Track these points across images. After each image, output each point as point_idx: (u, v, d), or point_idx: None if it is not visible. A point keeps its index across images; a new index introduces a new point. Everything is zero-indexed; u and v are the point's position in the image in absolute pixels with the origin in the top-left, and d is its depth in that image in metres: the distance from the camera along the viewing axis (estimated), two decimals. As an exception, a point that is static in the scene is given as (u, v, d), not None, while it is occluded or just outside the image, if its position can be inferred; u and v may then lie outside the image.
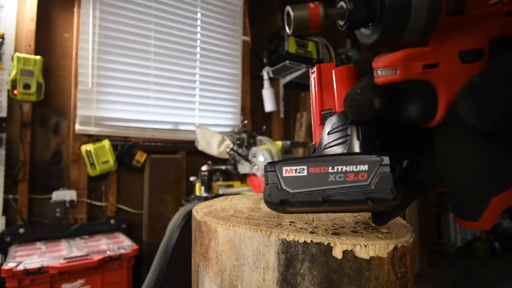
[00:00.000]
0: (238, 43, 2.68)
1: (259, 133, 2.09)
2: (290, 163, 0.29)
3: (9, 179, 1.80)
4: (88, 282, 1.52)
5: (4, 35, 1.81)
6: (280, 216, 0.46)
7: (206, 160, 2.21)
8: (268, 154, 1.88)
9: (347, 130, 0.29)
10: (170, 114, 2.36)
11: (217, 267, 0.42)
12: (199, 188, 2.08)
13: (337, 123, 0.30)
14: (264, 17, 2.82)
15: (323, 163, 0.28)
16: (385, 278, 0.37)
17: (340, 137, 0.30)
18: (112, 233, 1.99)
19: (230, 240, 0.40)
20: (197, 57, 2.49)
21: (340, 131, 0.30)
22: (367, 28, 0.28)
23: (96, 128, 2.04)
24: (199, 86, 2.50)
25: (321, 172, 0.28)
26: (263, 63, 2.61)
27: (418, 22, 0.24)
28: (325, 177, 0.27)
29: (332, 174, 0.27)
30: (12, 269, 1.34)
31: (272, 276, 0.38)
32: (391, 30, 0.25)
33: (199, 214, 0.48)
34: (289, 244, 0.37)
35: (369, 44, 0.28)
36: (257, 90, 2.66)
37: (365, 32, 0.28)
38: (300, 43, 2.60)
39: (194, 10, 2.48)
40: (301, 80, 2.80)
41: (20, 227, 1.77)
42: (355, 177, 0.26)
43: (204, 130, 2.13)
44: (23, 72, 1.77)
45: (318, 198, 0.28)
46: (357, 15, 0.26)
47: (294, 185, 0.28)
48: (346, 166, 0.27)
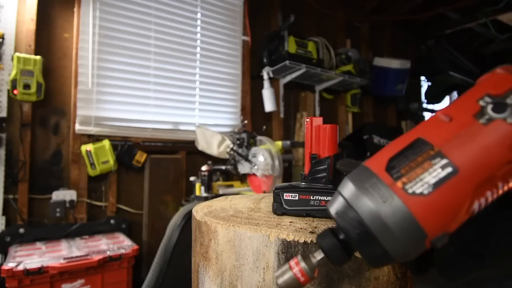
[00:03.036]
0: (238, 43, 2.68)
1: (259, 133, 2.08)
2: (289, 191, 0.46)
3: (9, 179, 1.80)
4: (88, 282, 1.52)
5: (4, 35, 1.81)
6: (280, 216, 0.47)
7: (206, 160, 2.21)
8: (268, 154, 1.87)
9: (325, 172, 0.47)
10: (170, 114, 2.36)
11: (217, 267, 0.42)
12: (199, 188, 2.08)
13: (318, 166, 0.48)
14: (264, 17, 2.82)
15: (307, 193, 0.46)
16: (385, 278, 0.37)
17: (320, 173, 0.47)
18: (112, 233, 1.99)
19: (230, 240, 0.40)
20: (197, 57, 2.49)
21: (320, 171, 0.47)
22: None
23: (96, 128, 2.04)
24: (199, 86, 2.50)
25: (306, 198, 0.46)
26: (263, 63, 2.61)
27: (394, 245, 0.26)
28: (308, 201, 0.46)
29: (312, 200, 0.46)
30: (12, 269, 1.34)
31: (272, 276, 0.38)
32: (371, 256, 0.27)
33: (199, 214, 0.48)
34: (289, 244, 0.37)
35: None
36: (257, 90, 2.66)
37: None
38: (300, 43, 2.60)
39: (194, 10, 2.48)
40: (301, 80, 2.80)
41: (20, 227, 1.77)
42: (326, 203, 0.45)
43: (204, 130, 2.13)
44: (23, 72, 1.77)
45: (303, 214, 0.47)
46: (334, 258, 0.29)
47: (290, 205, 0.46)
48: (320, 196, 0.45)
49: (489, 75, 0.29)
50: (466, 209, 0.25)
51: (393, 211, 0.24)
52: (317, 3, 3.01)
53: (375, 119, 3.65)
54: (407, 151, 0.27)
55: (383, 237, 0.25)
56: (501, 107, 0.25)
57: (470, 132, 0.25)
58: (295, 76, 2.67)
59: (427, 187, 0.25)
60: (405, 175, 0.25)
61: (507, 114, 0.25)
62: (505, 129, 0.25)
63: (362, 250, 0.27)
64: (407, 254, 0.25)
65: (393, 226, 0.24)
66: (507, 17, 3.34)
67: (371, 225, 0.25)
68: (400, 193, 0.25)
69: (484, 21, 3.46)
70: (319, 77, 2.77)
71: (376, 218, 0.25)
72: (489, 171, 0.24)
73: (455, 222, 0.25)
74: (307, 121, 0.49)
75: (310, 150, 0.48)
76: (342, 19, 3.32)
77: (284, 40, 2.51)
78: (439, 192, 0.24)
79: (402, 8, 3.53)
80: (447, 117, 0.27)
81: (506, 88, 0.26)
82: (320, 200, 0.45)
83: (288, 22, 2.49)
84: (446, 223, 0.25)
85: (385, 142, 2.95)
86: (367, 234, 0.26)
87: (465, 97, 0.28)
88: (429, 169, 0.25)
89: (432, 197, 0.24)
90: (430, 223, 0.24)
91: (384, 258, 0.26)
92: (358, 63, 3.01)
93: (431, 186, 0.24)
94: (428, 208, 0.24)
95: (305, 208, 0.46)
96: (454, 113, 0.27)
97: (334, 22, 3.29)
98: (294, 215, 0.47)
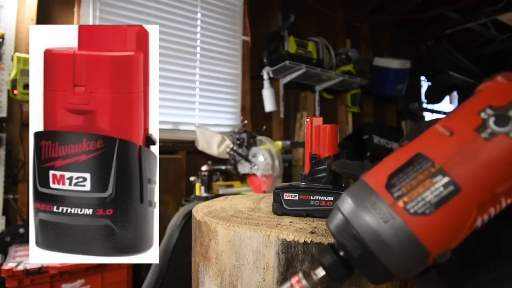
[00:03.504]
0: (238, 43, 2.68)
1: (259, 133, 2.08)
2: (289, 191, 0.46)
3: (9, 179, 1.80)
4: (88, 282, 1.52)
5: (4, 35, 1.81)
6: (280, 216, 0.47)
7: (206, 160, 2.21)
8: (268, 154, 1.87)
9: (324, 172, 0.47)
10: (170, 114, 2.36)
11: (217, 267, 0.42)
12: (199, 188, 2.08)
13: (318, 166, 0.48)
14: (264, 17, 2.82)
15: (307, 193, 0.46)
16: (385, 278, 0.37)
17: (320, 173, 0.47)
18: (112, 233, 1.98)
19: (230, 240, 0.40)
20: (197, 57, 2.49)
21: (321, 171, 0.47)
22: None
23: (96, 128, 2.04)
24: (199, 86, 2.50)
25: (306, 198, 0.46)
26: (263, 63, 2.61)
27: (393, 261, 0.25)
28: (308, 201, 0.46)
29: (312, 200, 0.45)
30: (12, 269, 1.34)
31: (272, 276, 0.38)
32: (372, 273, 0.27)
33: (199, 214, 0.48)
34: (289, 244, 0.37)
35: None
36: (257, 90, 2.66)
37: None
38: (300, 43, 2.59)
39: (194, 10, 2.48)
40: (301, 80, 2.80)
41: (20, 227, 1.77)
42: (325, 203, 0.45)
43: (204, 130, 2.13)
44: (23, 72, 1.76)
45: (303, 214, 0.46)
46: (336, 276, 0.29)
47: (290, 205, 0.46)
48: (320, 196, 0.45)
49: (490, 84, 0.28)
50: (469, 226, 0.24)
51: (395, 232, 0.24)
52: (317, 3, 3.01)
53: (375, 119, 3.65)
54: (407, 167, 0.26)
55: (384, 256, 0.25)
56: (503, 120, 0.25)
57: (472, 148, 0.25)
58: (295, 76, 2.67)
59: (429, 206, 0.24)
60: (406, 194, 0.25)
61: (510, 128, 0.24)
62: (509, 144, 0.24)
63: (363, 268, 0.27)
64: (409, 271, 0.25)
65: (395, 246, 0.24)
66: (507, 17, 3.34)
67: (372, 245, 0.25)
68: (402, 213, 0.24)
69: (484, 21, 3.46)
70: (319, 77, 2.77)
71: (377, 238, 0.24)
72: (492, 189, 0.24)
73: (457, 239, 0.25)
74: (307, 121, 0.49)
75: (310, 150, 0.48)
76: (342, 19, 3.32)
77: (284, 40, 2.51)
78: (442, 212, 0.24)
79: (402, 8, 3.53)
80: (447, 130, 0.26)
81: (508, 100, 0.25)
82: (320, 200, 0.45)
83: (288, 22, 2.49)
84: (449, 241, 0.24)
85: (385, 142, 2.95)
86: (368, 254, 0.25)
87: (466, 108, 0.27)
88: (431, 188, 0.24)
89: (435, 216, 0.24)
90: (433, 242, 0.24)
91: (385, 276, 0.26)
92: (358, 63, 3.01)
93: (433, 206, 0.24)
94: (430, 228, 0.24)
95: (305, 208, 0.46)
96: (454, 127, 0.26)
97: (334, 22, 3.29)
98: (294, 215, 0.47)
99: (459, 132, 0.26)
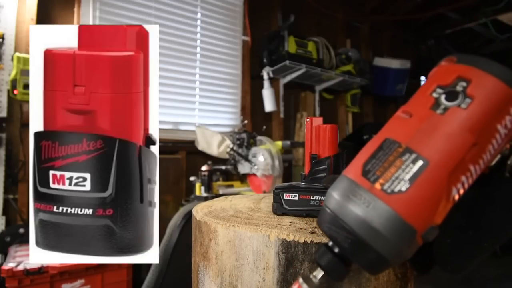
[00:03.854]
0: (238, 43, 2.68)
1: (259, 133, 2.08)
2: (289, 191, 0.45)
3: (9, 179, 1.80)
4: (88, 282, 1.52)
5: (4, 35, 1.81)
6: (280, 216, 0.47)
7: (206, 160, 2.21)
8: (268, 154, 1.87)
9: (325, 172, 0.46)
10: (170, 114, 2.36)
11: (217, 267, 0.42)
12: (199, 188, 2.08)
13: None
14: (264, 17, 2.82)
15: (307, 193, 0.45)
16: (385, 278, 0.37)
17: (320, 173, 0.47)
18: (112, 233, 1.99)
19: (230, 240, 0.40)
20: (197, 57, 2.49)
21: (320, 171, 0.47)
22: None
23: (96, 128, 2.04)
24: (199, 86, 2.50)
25: (306, 198, 0.45)
26: (263, 63, 2.61)
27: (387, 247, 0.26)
28: (308, 201, 0.45)
29: (312, 200, 0.45)
30: (12, 269, 1.34)
31: (272, 276, 0.38)
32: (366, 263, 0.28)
33: (199, 214, 0.48)
34: (289, 244, 0.37)
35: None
36: (257, 90, 2.66)
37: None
38: (300, 43, 2.59)
39: (194, 10, 2.48)
40: (301, 80, 2.80)
41: (20, 227, 1.77)
42: None
43: (204, 130, 2.13)
44: (23, 72, 1.76)
45: (303, 214, 0.45)
46: (334, 275, 0.29)
47: (290, 205, 0.46)
48: (320, 196, 0.44)
49: (436, 69, 0.31)
50: (446, 197, 0.25)
51: (378, 213, 0.25)
52: (317, 3, 3.01)
53: (375, 119, 3.64)
54: (378, 152, 0.27)
55: (374, 241, 0.25)
56: (453, 95, 0.27)
57: (430, 123, 0.27)
58: (295, 76, 2.67)
59: (404, 183, 0.25)
60: (381, 176, 0.26)
61: (459, 100, 0.27)
62: (461, 114, 0.26)
63: (358, 259, 0.27)
64: (402, 254, 0.26)
65: (381, 228, 0.25)
66: (507, 17, 3.34)
67: (360, 232, 0.25)
68: (380, 195, 0.25)
69: (484, 21, 3.46)
70: (319, 77, 2.77)
71: (363, 223, 0.25)
72: (457, 157, 0.25)
73: (439, 213, 0.26)
74: (307, 121, 0.49)
75: (310, 150, 0.48)
76: (342, 19, 3.32)
77: (284, 40, 2.51)
78: (416, 186, 0.25)
79: (402, 8, 3.53)
80: (407, 114, 0.29)
81: (453, 77, 0.28)
82: (320, 200, 0.45)
83: (288, 22, 2.49)
84: (431, 214, 0.25)
85: (385, 142, 2.95)
86: (359, 241, 0.26)
87: (419, 93, 0.30)
88: (402, 166, 0.26)
89: (411, 192, 0.25)
90: (416, 218, 0.25)
91: (380, 262, 0.26)
92: (358, 63, 3.01)
93: (408, 182, 0.25)
94: (410, 204, 0.25)
95: (305, 208, 0.45)
96: (412, 109, 0.29)
97: (334, 22, 3.29)
98: (294, 215, 0.47)
99: (417, 113, 0.28)
